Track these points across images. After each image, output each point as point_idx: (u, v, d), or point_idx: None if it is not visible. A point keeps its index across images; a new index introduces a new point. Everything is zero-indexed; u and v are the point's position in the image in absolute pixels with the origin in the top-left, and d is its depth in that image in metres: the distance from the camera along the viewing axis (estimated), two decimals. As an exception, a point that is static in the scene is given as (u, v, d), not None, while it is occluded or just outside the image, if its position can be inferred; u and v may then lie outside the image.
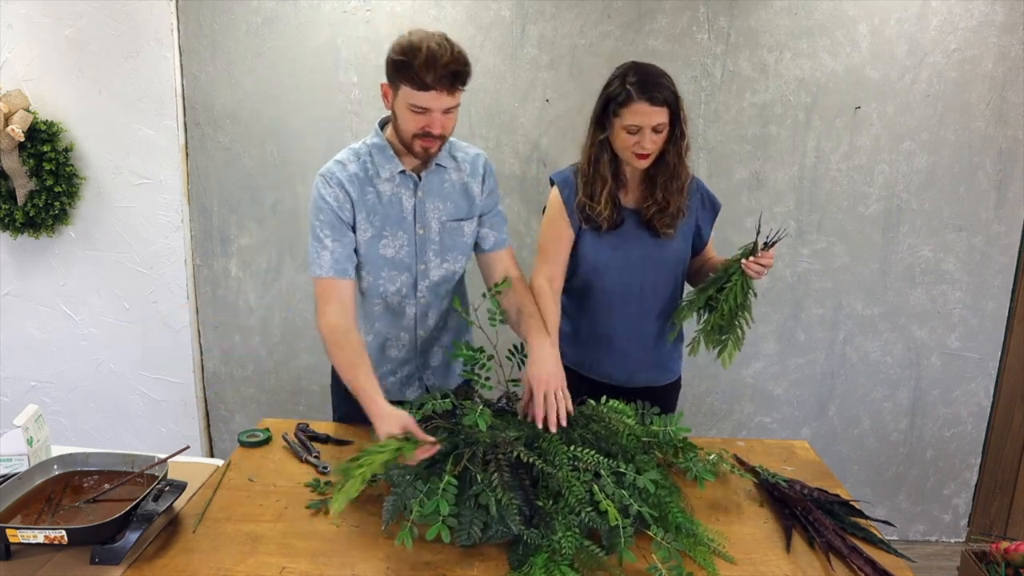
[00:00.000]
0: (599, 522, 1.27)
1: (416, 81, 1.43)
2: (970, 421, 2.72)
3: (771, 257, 1.66)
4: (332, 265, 1.59)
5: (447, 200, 1.67)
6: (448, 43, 1.44)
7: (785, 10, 2.39)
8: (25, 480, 1.39)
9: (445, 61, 1.41)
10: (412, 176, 1.63)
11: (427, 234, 1.66)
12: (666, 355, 1.90)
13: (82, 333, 2.72)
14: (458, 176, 1.68)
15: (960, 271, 2.58)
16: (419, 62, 1.41)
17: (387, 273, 1.67)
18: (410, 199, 1.63)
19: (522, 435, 1.45)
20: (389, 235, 1.64)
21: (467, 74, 1.47)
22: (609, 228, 1.76)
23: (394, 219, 1.63)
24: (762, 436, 2.73)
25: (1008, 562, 1.96)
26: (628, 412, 1.56)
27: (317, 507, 1.45)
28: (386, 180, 1.62)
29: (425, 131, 1.50)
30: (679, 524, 1.33)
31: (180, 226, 2.60)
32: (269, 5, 2.43)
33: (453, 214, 1.68)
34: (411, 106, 1.47)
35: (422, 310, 1.72)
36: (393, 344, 1.76)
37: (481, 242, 1.75)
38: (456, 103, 1.50)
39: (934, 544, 2.82)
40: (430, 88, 1.44)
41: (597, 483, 1.32)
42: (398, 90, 1.49)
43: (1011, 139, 2.46)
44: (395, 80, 1.48)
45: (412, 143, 1.53)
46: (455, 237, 1.69)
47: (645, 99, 1.60)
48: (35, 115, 2.44)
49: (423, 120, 1.49)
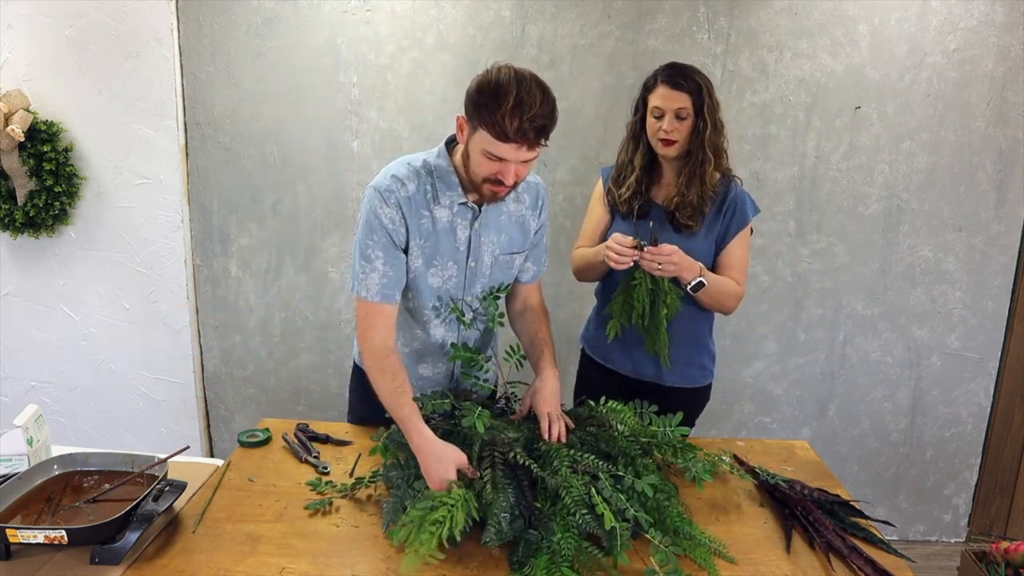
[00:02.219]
0: (593, 526, 1.26)
1: (496, 129, 1.30)
2: (970, 421, 2.72)
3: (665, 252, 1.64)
4: (380, 290, 1.50)
5: (502, 233, 1.58)
6: (539, 90, 1.31)
7: (785, 10, 2.39)
8: (25, 480, 1.39)
9: (533, 114, 1.28)
10: (473, 208, 1.52)
11: (478, 268, 1.57)
12: (680, 357, 1.85)
13: (82, 333, 2.72)
14: (516, 207, 1.59)
15: (960, 271, 2.58)
16: (503, 111, 1.28)
17: (432, 303, 1.59)
18: (465, 230, 1.53)
19: (520, 436, 1.45)
20: (439, 264, 1.54)
21: (553, 127, 1.35)
22: (629, 214, 1.81)
23: (446, 249, 1.53)
24: (762, 436, 2.74)
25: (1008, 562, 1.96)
26: (627, 413, 1.55)
27: (317, 507, 1.45)
28: (444, 207, 1.50)
29: (497, 178, 1.39)
30: (676, 528, 1.32)
31: (180, 226, 2.60)
32: (269, 5, 2.43)
33: (507, 248, 1.59)
34: (486, 152, 1.35)
35: (461, 339, 1.66)
36: (427, 366, 1.69)
37: (521, 275, 1.69)
38: (537, 155, 1.37)
39: (934, 544, 2.82)
40: (511, 141, 1.31)
41: (595, 485, 1.31)
42: (475, 131, 1.36)
43: (1011, 139, 2.46)
44: (473, 120, 1.35)
45: (481, 186, 1.43)
46: (505, 270, 1.62)
47: (668, 84, 1.72)
48: (35, 115, 2.44)
49: (497, 167, 1.37)
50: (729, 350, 2.64)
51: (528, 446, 1.44)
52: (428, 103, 2.48)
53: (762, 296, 2.61)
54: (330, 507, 1.45)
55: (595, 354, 1.97)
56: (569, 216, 2.54)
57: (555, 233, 2.57)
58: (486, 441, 1.40)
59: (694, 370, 1.89)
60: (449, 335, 1.64)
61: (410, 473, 1.41)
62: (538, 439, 1.46)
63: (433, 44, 2.44)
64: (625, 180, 1.83)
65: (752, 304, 2.60)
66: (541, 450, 1.41)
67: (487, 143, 1.34)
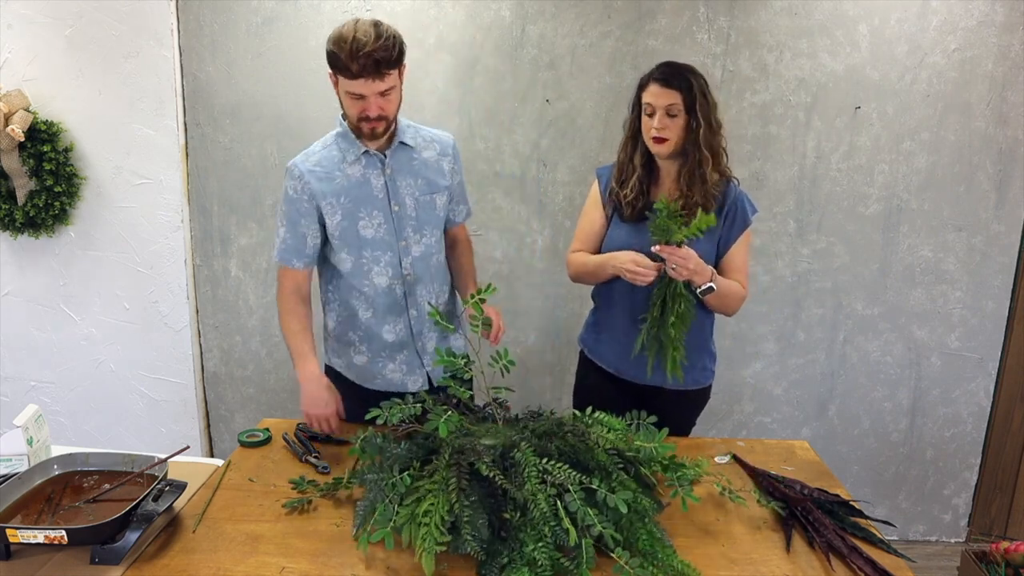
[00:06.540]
0: (563, 538, 1.22)
1: (346, 71, 1.52)
2: (970, 421, 2.72)
3: (681, 254, 1.64)
4: (280, 253, 1.75)
5: (417, 177, 1.75)
6: (373, 28, 1.51)
7: (785, 10, 2.39)
8: (25, 480, 1.39)
9: (368, 50, 1.49)
10: (377, 155, 1.70)
11: (403, 211, 1.73)
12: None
13: (82, 333, 2.72)
14: (428, 154, 1.77)
15: (960, 271, 2.58)
16: (345, 53, 1.50)
17: (369, 253, 1.73)
18: (379, 178, 1.71)
19: (497, 443, 1.38)
20: (365, 215, 1.71)
21: (392, 59, 1.53)
22: (632, 217, 1.80)
23: (366, 199, 1.70)
24: (762, 436, 2.73)
25: (1008, 562, 1.96)
26: (615, 425, 1.48)
27: (295, 506, 1.44)
28: (352, 163, 1.70)
29: (364, 115, 1.59)
30: (645, 551, 1.25)
31: (180, 226, 2.60)
32: (269, 5, 2.43)
33: (425, 190, 1.75)
34: (348, 93, 1.58)
35: (409, 288, 1.78)
36: (389, 328, 1.79)
37: (456, 216, 1.88)
38: (390, 85, 1.57)
39: (934, 544, 2.82)
40: (358, 76, 1.52)
41: (562, 499, 1.25)
42: (337, 80, 1.58)
43: (1011, 139, 2.46)
44: (333, 71, 1.57)
45: (359, 127, 1.63)
46: (429, 212, 1.77)
47: (658, 81, 1.72)
48: (35, 115, 2.44)
49: (360, 105, 1.58)
50: (729, 350, 2.64)
51: (504, 454, 1.37)
52: (428, 103, 2.48)
53: (762, 296, 2.61)
54: (309, 505, 1.45)
55: (594, 357, 1.96)
56: (569, 216, 2.54)
57: (555, 233, 2.57)
58: (455, 448, 1.36)
59: (697, 372, 1.88)
60: (395, 282, 1.76)
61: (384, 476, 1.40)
62: (514, 447, 1.39)
63: (433, 44, 2.44)
64: (628, 181, 1.82)
65: (752, 304, 2.60)
66: (515, 459, 1.34)
67: (346, 85, 1.56)
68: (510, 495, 1.28)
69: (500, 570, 1.22)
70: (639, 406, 1.60)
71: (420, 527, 1.23)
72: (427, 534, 1.20)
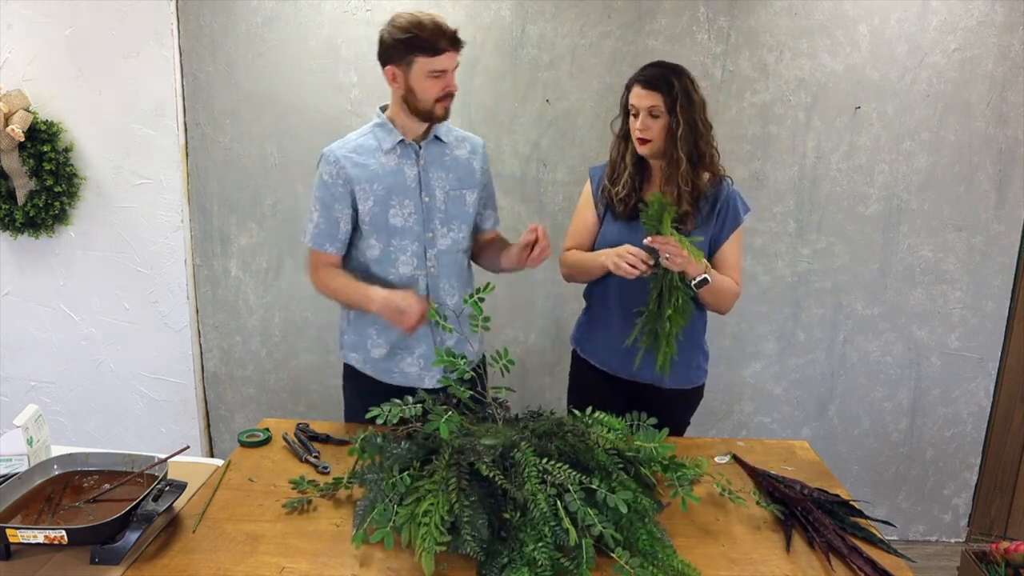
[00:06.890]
0: (563, 538, 1.22)
1: (432, 48, 1.61)
2: (970, 421, 2.72)
3: (673, 242, 1.65)
4: (313, 238, 1.79)
5: (449, 171, 1.79)
6: (431, 12, 1.66)
7: (785, 10, 2.39)
8: (25, 480, 1.39)
9: (446, 26, 1.63)
10: (413, 145, 1.76)
11: (432, 202, 1.77)
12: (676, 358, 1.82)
13: (82, 333, 2.72)
14: (460, 152, 1.82)
15: (960, 271, 2.58)
16: (429, 32, 1.61)
17: (397, 242, 1.77)
18: (412, 168, 1.76)
19: (497, 443, 1.38)
20: (396, 204, 1.75)
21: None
22: (624, 215, 1.81)
23: (399, 188, 1.74)
24: (762, 436, 2.73)
25: (1008, 562, 1.96)
26: (615, 425, 1.49)
27: (295, 506, 1.44)
28: (388, 152, 1.74)
29: (447, 92, 1.68)
30: (645, 551, 1.25)
31: (180, 226, 2.60)
32: (269, 5, 2.43)
33: (456, 185, 1.80)
34: (431, 72, 1.64)
35: (433, 280, 1.80)
36: None
37: (484, 223, 1.92)
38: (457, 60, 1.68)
39: (934, 544, 2.82)
40: (444, 51, 1.62)
41: (562, 499, 1.25)
42: (411, 64, 1.64)
43: (1011, 139, 2.46)
44: (407, 56, 1.63)
45: (434, 108, 1.69)
46: (459, 206, 1.81)
47: (640, 83, 1.73)
48: (35, 115, 2.44)
49: (442, 83, 1.66)
50: (729, 350, 2.64)
51: (504, 454, 1.37)
52: (428, 103, 2.48)
53: (762, 296, 2.62)
54: (309, 505, 1.45)
55: (588, 355, 1.96)
56: (568, 216, 2.52)
57: (555, 233, 2.56)
58: (455, 448, 1.36)
59: (690, 371, 1.89)
60: (419, 273, 1.79)
61: (383, 476, 1.39)
62: (514, 447, 1.39)
63: (433, 44, 2.44)
64: (619, 178, 1.82)
65: (752, 304, 2.60)
66: (515, 459, 1.34)
67: (428, 64, 1.63)
68: (510, 495, 1.28)
69: (500, 570, 1.22)
70: (633, 405, 1.61)
71: (420, 527, 1.23)
72: (427, 534, 1.21)
